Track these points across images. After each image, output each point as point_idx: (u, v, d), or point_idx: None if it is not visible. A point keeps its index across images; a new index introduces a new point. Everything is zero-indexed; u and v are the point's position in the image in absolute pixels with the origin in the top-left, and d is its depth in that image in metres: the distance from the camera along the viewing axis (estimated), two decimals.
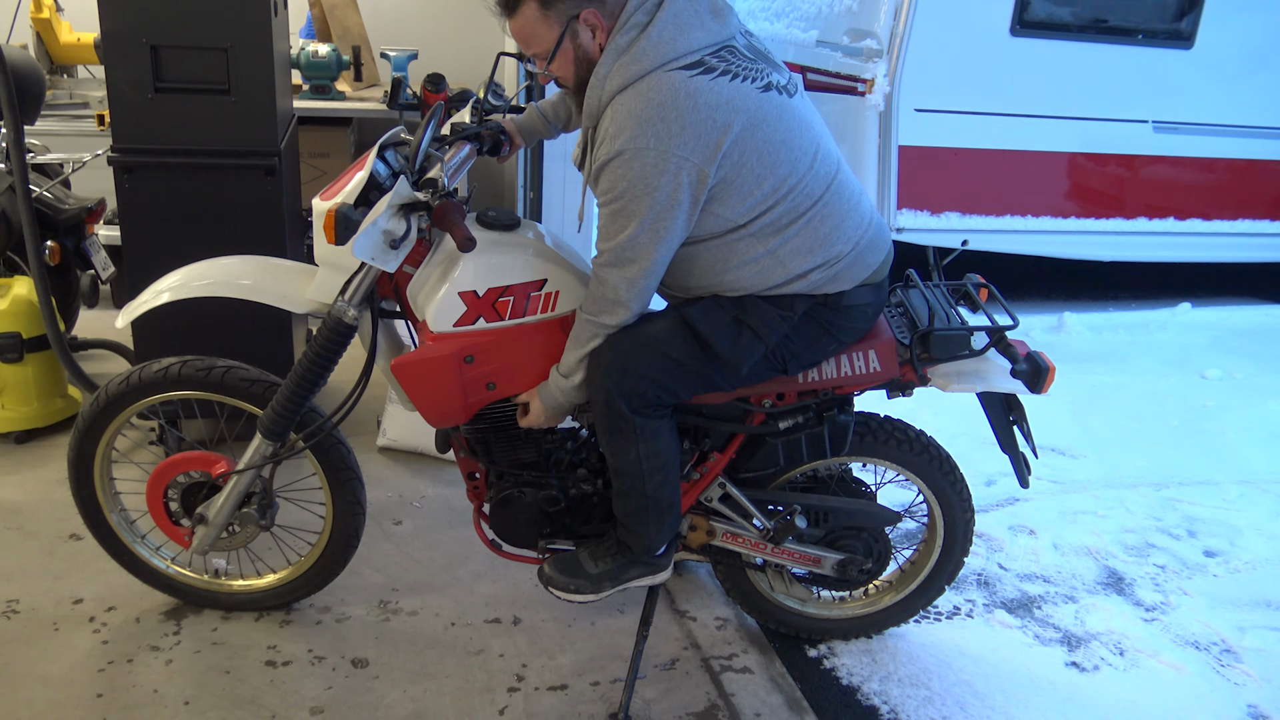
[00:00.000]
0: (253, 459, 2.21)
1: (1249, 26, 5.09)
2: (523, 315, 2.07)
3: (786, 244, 1.97)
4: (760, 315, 2.02)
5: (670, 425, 2.09)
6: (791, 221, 1.96)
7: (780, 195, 1.93)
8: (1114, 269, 6.06)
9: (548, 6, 1.87)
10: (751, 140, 1.87)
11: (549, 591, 2.23)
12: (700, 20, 1.88)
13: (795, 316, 2.04)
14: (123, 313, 2.20)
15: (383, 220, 1.85)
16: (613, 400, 1.99)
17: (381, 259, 1.89)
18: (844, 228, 2.01)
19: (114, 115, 2.82)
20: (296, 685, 2.26)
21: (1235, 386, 4.44)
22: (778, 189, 1.92)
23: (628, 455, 2.05)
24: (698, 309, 2.02)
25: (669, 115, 1.80)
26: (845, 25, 5.05)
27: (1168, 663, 2.55)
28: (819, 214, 1.98)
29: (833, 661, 2.47)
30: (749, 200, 1.92)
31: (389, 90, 3.91)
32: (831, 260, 2.01)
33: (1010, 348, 2.13)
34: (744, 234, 1.95)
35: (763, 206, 1.93)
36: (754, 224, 1.95)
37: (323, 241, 2.03)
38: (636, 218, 1.86)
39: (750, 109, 1.86)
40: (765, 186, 1.91)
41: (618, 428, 2.02)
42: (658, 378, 1.99)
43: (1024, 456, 2.33)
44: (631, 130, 1.81)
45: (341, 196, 1.97)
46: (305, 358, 2.10)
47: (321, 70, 4.31)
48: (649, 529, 2.14)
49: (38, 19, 4.22)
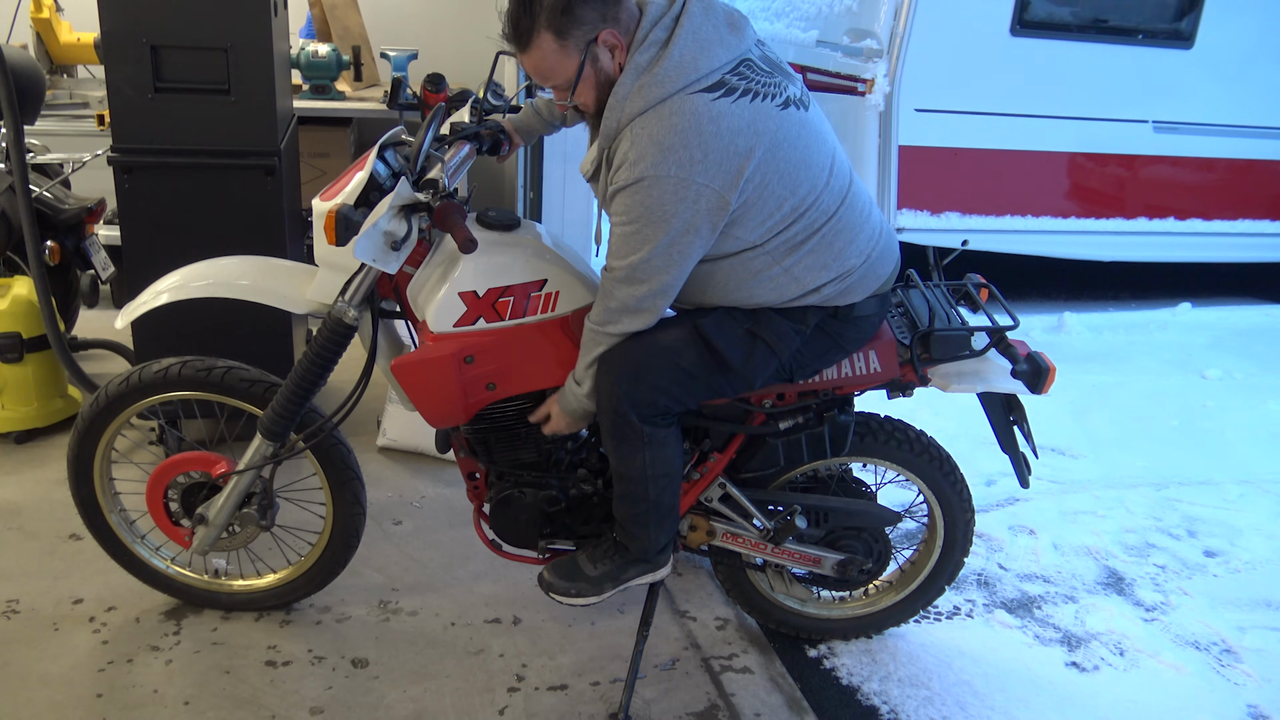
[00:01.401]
0: (253, 459, 2.21)
1: (1249, 26, 5.09)
2: (523, 315, 2.07)
3: (801, 261, 1.96)
4: (774, 329, 2.02)
5: (676, 433, 2.09)
6: (807, 238, 1.95)
7: (799, 213, 1.92)
8: (1114, 269, 6.06)
9: (564, 36, 1.81)
10: (773, 163, 1.85)
11: (550, 597, 2.23)
12: (719, 35, 1.84)
13: (808, 329, 2.04)
14: (122, 314, 2.20)
15: (384, 222, 1.85)
16: (622, 408, 1.98)
17: (382, 260, 1.89)
18: (857, 241, 2.01)
19: (114, 115, 2.82)
20: (296, 685, 2.26)
21: (1235, 386, 4.44)
22: (797, 208, 1.91)
23: (634, 463, 2.05)
24: (711, 320, 2.01)
25: (691, 142, 1.77)
26: (845, 25, 5.05)
27: (1168, 663, 2.55)
28: (833, 229, 1.97)
29: (833, 661, 2.47)
30: (768, 221, 1.91)
31: (389, 90, 3.91)
32: (845, 274, 2.01)
33: (1010, 348, 2.13)
34: (760, 253, 1.95)
35: (781, 225, 1.92)
36: (770, 243, 1.94)
37: (323, 242, 2.03)
38: (651, 242, 1.83)
39: (772, 130, 1.83)
40: (785, 207, 1.90)
41: (625, 435, 2.02)
42: (669, 388, 1.99)
43: (1024, 457, 2.33)
44: (653, 157, 1.78)
45: (341, 197, 1.97)
46: (305, 358, 2.10)
47: (321, 70, 4.31)
48: (648, 532, 2.14)
49: (38, 19, 4.22)
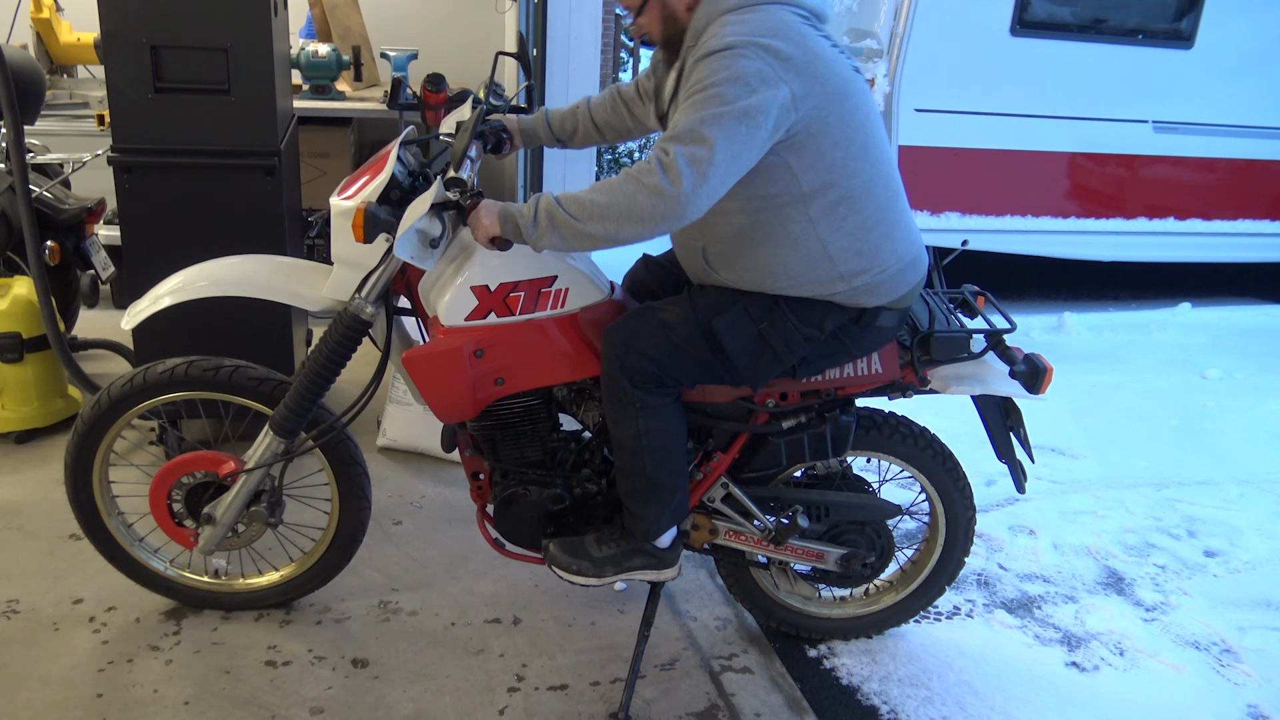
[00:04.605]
0: (263, 457, 2.21)
1: (1249, 26, 5.10)
2: (533, 311, 2.09)
3: (838, 238, 1.97)
4: (786, 335, 2.02)
5: (674, 407, 2.09)
6: (849, 213, 1.96)
7: (848, 174, 1.93)
8: (1114, 269, 6.06)
9: None
10: (839, 104, 1.89)
11: (552, 570, 2.23)
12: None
13: (823, 335, 2.05)
14: (126, 317, 2.19)
15: (421, 220, 1.87)
16: (613, 370, 2.02)
17: (420, 258, 1.92)
18: (893, 239, 2.02)
19: (114, 115, 2.82)
20: (296, 685, 2.26)
21: (1235, 386, 4.44)
22: (848, 163, 1.92)
23: (628, 429, 2.06)
24: (725, 321, 2.01)
25: (782, 36, 1.82)
26: (845, 25, 5.06)
27: (1168, 663, 2.55)
28: (874, 216, 1.98)
29: (833, 661, 2.47)
30: (820, 163, 1.91)
31: (389, 90, 3.91)
32: (876, 269, 2.01)
33: (1008, 350, 2.15)
34: (803, 212, 1.94)
35: (830, 178, 1.92)
36: (815, 203, 1.93)
37: (341, 239, 2.05)
38: (722, 101, 1.79)
39: (845, 77, 1.90)
40: (840, 153, 1.91)
41: (618, 399, 2.04)
42: (658, 358, 2.01)
43: (1021, 464, 2.34)
44: (747, 35, 1.81)
45: (365, 194, 2.01)
46: (319, 355, 2.11)
47: (321, 70, 4.32)
48: (649, 511, 2.15)
49: (38, 19, 4.22)
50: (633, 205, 1.79)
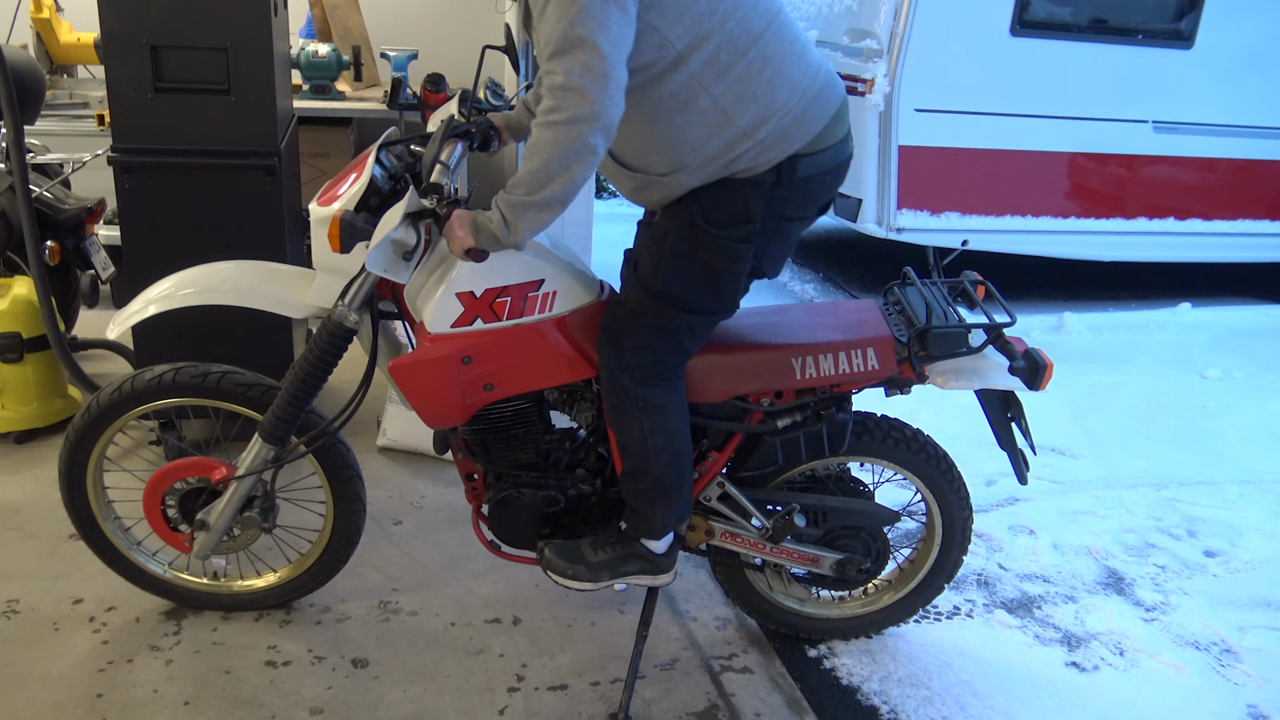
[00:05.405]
0: (254, 464, 2.20)
1: (1249, 26, 5.10)
2: (520, 316, 2.06)
3: (729, 91, 1.88)
4: (723, 250, 1.95)
5: (678, 404, 2.08)
6: (732, 61, 1.87)
7: (720, 18, 1.84)
8: (1114, 269, 6.06)
9: None
10: None
11: (547, 575, 2.23)
12: None
13: (756, 225, 1.97)
14: (112, 323, 2.18)
15: (394, 231, 1.84)
16: (613, 373, 2.00)
17: (394, 271, 1.89)
18: (788, 75, 1.93)
19: (114, 115, 2.82)
20: (296, 685, 2.26)
21: (1235, 386, 4.44)
22: (716, 7, 1.84)
23: (633, 432, 2.05)
24: (666, 275, 1.97)
25: None
26: (845, 25, 5.06)
27: (1168, 663, 2.55)
28: (760, 56, 1.89)
29: (833, 661, 2.47)
30: (687, 14, 1.82)
31: (389, 90, 3.91)
32: (778, 112, 1.91)
33: (1008, 344, 2.13)
34: (686, 74, 1.86)
35: (701, 28, 1.84)
36: (694, 58, 1.85)
37: (321, 246, 2.03)
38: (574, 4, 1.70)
39: None
40: (701, 2, 1.82)
41: (620, 401, 2.03)
42: (652, 344, 2.00)
43: (1022, 454, 2.33)
44: None
45: (341, 202, 1.97)
46: (305, 361, 2.09)
47: (321, 70, 4.32)
48: (656, 511, 2.14)
49: (38, 19, 4.22)
50: (564, 150, 1.74)
